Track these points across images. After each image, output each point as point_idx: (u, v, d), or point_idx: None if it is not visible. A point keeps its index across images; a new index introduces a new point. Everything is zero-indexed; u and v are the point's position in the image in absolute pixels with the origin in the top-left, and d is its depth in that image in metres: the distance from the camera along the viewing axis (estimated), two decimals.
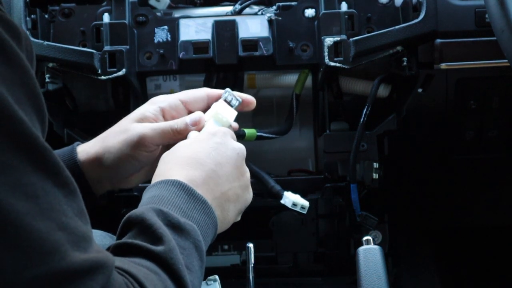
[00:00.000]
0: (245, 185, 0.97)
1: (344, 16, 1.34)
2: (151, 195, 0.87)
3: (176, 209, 0.84)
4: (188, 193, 0.87)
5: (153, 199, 0.86)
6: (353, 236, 1.48)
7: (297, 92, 1.43)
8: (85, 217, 0.67)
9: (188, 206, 0.86)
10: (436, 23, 1.32)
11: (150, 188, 0.89)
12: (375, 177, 1.39)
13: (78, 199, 0.66)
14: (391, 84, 1.42)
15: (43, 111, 0.66)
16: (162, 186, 0.88)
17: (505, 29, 1.04)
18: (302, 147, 1.53)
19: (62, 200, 0.64)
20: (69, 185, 0.65)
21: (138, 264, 0.75)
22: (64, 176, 0.65)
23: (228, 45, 1.35)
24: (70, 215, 0.64)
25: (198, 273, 0.82)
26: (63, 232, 0.63)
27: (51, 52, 1.31)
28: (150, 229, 0.79)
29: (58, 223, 0.63)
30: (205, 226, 0.87)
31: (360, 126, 1.36)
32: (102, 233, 1.06)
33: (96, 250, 0.66)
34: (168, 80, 1.49)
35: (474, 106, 1.43)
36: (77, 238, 0.64)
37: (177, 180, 0.88)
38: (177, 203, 0.85)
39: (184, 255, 0.79)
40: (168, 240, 0.78)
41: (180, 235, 0.81)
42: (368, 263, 1.05)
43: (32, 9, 1.36)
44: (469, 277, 1.89)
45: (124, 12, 1.37)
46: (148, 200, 0.86)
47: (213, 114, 1.01)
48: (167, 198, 0.85)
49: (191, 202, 0.87)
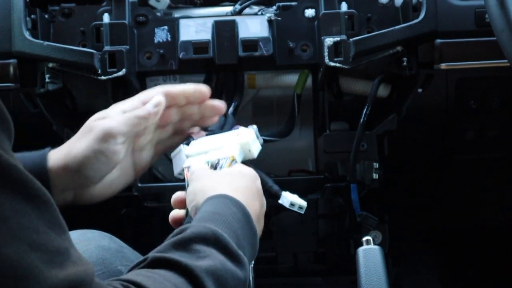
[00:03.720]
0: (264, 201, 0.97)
1: (344, 16, 1.34)
2: (212, 210, 0.86)
3: (231, 235, 0.83)
4: (244, 215, 0.87)
5: (214, 216, 0.84)
6: (353, 236, 1.48)
7: (298, 92, 1.43)
8: (59, 226, 0.64)
9: (244, 232, 0.86)
10: (436, 23, 1.32)
11: (214, 199, 0.88)
12: (375, 177, 1.39)
13: (51, 209, 0.64)
14: (391, 84, 1.42)
15: (4, 117, 0.62)
16: (224, 202, 0.87)
17: (505, 29, 1.04)
18: (302, 147, 1.53)
19: (33, 215, 0.61)
20: (40, 196, 0.62)
21: (165, 279, 0.73)
22: (33, 189, 0.62)
23: (228, 45, 1.35)
24: (42, 230, 0.62)
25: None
26: (35, 252, 0.60)
27: (51, 52, 1.31)
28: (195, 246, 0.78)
29: (30, 243, 0.60)
30: (252, 253, 0.87)
31: (360, 126, 1.36)
32: (101, 234, 1.06)
33: (73, 263, 0.64)
34: (168, 80, 1.49)
35: (474, 106, 1.43)
36: (52, 254, 0.61)
37: (238, 201, 0.88)
38: (234, 227, 0.84)
39: (233, 284, 0.79)
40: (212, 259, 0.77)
41: (232, 262, 0.80)
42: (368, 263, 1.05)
43: (32, 9, 1.36)
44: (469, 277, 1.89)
45: (124, 12, 1.37)
46: (211, 216, 0.84)
47: (242, 143, 1.00)
48: (225, 218, 0.84)
49: (246, 229, 0.86)
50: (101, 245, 1.02)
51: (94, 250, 1.00)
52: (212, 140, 1.04)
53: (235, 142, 1.01)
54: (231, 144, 1.01)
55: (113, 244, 1.04)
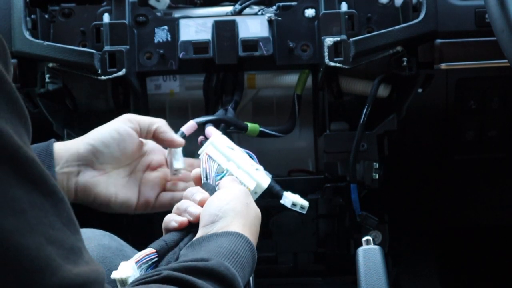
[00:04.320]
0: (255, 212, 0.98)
1: (344, 16, 1.34)
2: (232, 248, 0.86)
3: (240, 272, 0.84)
4: (253, 266, 0.89)
5: (233, 254, 0.85)
6: (353, 236, 1.48)
7: (298, 93, 1.43)
8: (74, 225, 0.65)
9: (249, 269, 0.87)
10: (436, 23, 1.32)
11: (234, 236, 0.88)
12: (375, 177, 1.39)
13: (67, 207, 0.64)
14: (391, 84, 1.42)
15: (24, 114, 0.64)
16: (241, 243, 0.88)
17: (505, 29, 1.04)
18: (302, 147, 1.53)
19: (50, 211, 0.62)
20: (56, 193, 0.63)
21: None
22: (50, 185, 0.62)
23: (228, 45, 1.35)
24: (58, 227, 0.62)
25: None
26: (52, 246, 0.61)
27: (51, 52, 1.31)
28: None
29: (47, 236, 0.60)
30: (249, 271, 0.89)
31: (360, 126, 1.36)
32: (101, 233, 1.06)
33: (85, 262, 0.64)
34: (168, 80, 1.49)
35: (474, 106, 1.43)
36: (67, 250, 0.62)
37: (254, 248, 0.89)
38: (245, 273, 0.86)
39: None
40: None
41: None
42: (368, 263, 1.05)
43: (32, 9, 1.36)
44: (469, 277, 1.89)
45: (124, 12, 1.37)
46: (230, 254, 0.85)
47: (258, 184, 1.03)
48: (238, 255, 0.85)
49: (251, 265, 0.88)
50: (102, 244, 1.02)
51: (94, 249, 1.00)
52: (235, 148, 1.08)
53: (254, 177, 1.04)
54: (250, 176, 1.04)
55: (114, 243, 1.04)
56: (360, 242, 1.09)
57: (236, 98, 1.40)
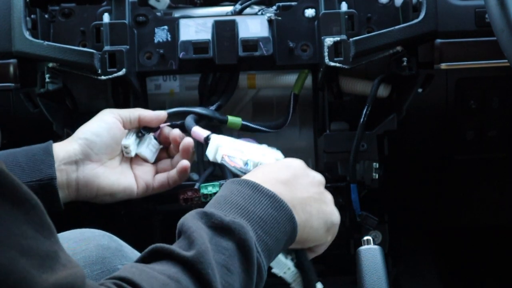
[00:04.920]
0: (328, 201, 0.99)
1: (344, 16, 1.34)
2: (215, 197, 0.88)
3: (233, 208, 0.83)
4: (253, 189, 0.87)
5: (213, 200, 0.87)
6: (353, 236, 1.48)
7: (296, 92, 1.43)
8: (48, 229, 0.64)
9: (251, 202, 0.85)
10: (436, 23, 1.32)
11: (221, 189, 0.91)
12: (375, 177, 1.39)
13: (39, 212, 0.63)
14: (391, 84, 1.42)
15: None
16: (228, 186, 0.89)
17: (505, 29, 1.04)
18: (302, 147, 1.52)
19: (21, 220, 0.61)
20: (28, 200, 0.62)
21: (159, 272, 0.73)
22: (21, 193, 0.62)
23: (228, 45, 1.35)
24: (31, 235, 0.61)
25: (242, 274, 0.79)
26: (26, 257, 0.60)
27: (51, 52, 1.31)
28: (186, 233, 0.79)
29: (20, 248, 0.60)
30: (272, 221, 0.85)
31: (360, 126, 1.36)
32: (101, 233, 1.06)
33: (63, 265, 0.63)
34: (168, 80, 1.49)
35: (474, 106, 1.43)
36: (41, 258, 0.61)
37: (244, 179, 0.89)
38: (237, 201, 0.85)
39: (225, 256, 0.78)
40: (201, 243, 0.76)
41: (222, 236, 0.80)
42: (368, 263, 1.05)
43: (32, 9, 1.36)
44: (469, 277, 1.89)
45: (124, 12, 1.37)
46: (210, 202, 0.87)
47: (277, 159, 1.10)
48: (226, 198, 0.85)
49: (255, 197, 0.86)
50: (101, 244, 1.02)
51: (93, 249, 1.00)
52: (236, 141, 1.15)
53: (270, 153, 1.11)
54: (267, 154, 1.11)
55: (113, 243, 1.04)
56: (360, 242, 1.09)
57: (221, 101, 1.40)
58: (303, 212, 0.92)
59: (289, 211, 0.88)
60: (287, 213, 0.88)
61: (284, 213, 0.87)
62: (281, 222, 0.86)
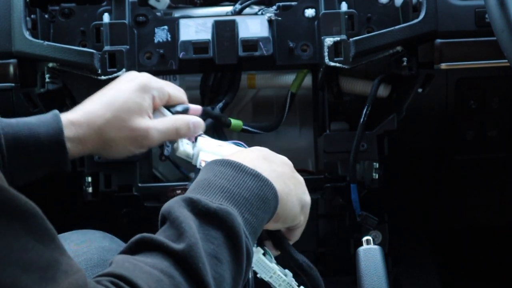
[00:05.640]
0: (301, 180, 0.96)
1: (344, 16, 1.34)
2: (197, 179, 0.85)
3: (218, 192, 0.81)
4: (236, 169, 0.85)
5: (196, 184, 0.84)
6: (353, 236, 1.48)
7: (293, 91, 1.43)
8: (48, 235, 0.63)
9: (235, 183, 0.83)
10: (436, 23, 1.32)
11: (201, 170, 0.88)
12: (375, 177, 1.39)
13: (38, 220, 0.62)
14: (391, 84, 1.42)
15: None
16: (209, 167, 0.86)
17: (505, 29, 1.04)
18: (302, 147, 1.53)
19: (21, 233, 0.60)
20: (25, 211, 0.61)
21: (152, 267, 0.72)
22: (18, 205, 0.60)
23: (228, 45, 1.35)
24: (31, 246, 0.60)
25: (231, 263, 0.78)
26: (28, 272, 0.59)
27: (51, 52, 1.31)
28: (174, 223, 0.77)
29: (21, 264, 0.59)
30: (258, 201, 0.84)
31: (360, 126, 1.36)
32: (101, 234, 1.06)
33: (64, 272, 0.62)
34: (168, 80, 1.49)
35: (474, 106, 1.43)
36: (43, 270, 0.60)
37: (226, 159, 0.86)
38: (221, 183, 0.82)
39: (214, 245, 0.76)
40: (190, 235, 0.75)
41: (210, 224, 0.78)
42: (368, 263, 1.05)
43: (32, 9, 1.36)
44: (469, 277, 1.89)
45: (124, 12, 1.37)
46: (191, 187, 0.84)
47: None
48: (210, 181, 0.83)
49: (239, 178, 0.84)
50: (102, 246, 1.02)
51: (95, 251, 1.00)
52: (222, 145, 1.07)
53: None
54: None
55: (114, 245, 1.04)
56: (360, 242, 1.09)
57: (226, 100, 1.41)
58: (284, 185, 0.90)
59: (273, 188, 0.86)
60: (271, 191, 0.86)
61: (269, 191, 0.86)
62: (266, 201, 0.85)
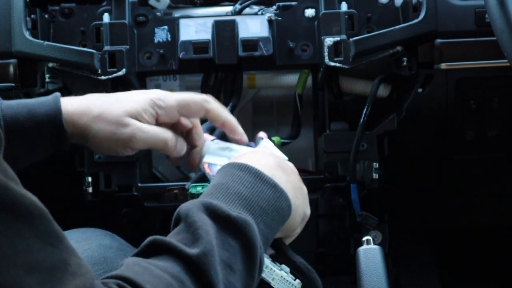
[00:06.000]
0: (306, 193, 0.96)
1: (344, 16, 1.34)
2: (215, 182, 0.85)
3: (237, 199, 0.81)
4: (255, 176, 0.84)
5: (215, 188, 0.83)
6: (353, 236, 1.48)
7: (299, 92, 1.43)
8: (55, 236, 0.62)
9: (253, 192, 0.83)
10: (436, 23, 1.32)
11: (218, 172, 0.87)
12: (375, 177, 1.39)
13: (45, 220, 0.61)
14: (391, 84, 1.42)
15: None
16: (228, 170, 0.86)
17: (505, 29, 1.04)
18: (302, 147, 1.52)
19: (27, 233, 0.59)
20: (32, 211, 0.60)
21: (163, 270, 0.71)
22: (25, 204, 0.59)
23: (228, 45, 1.35)
24: (38, 247, 0.59)
25: (244, 273, 0.78)
26: (32, 274, 0.58)
27: (51, 52, 1.31)
28: (191, 227, 0.76)
29: (26, 266, 0.58)
30: (273, 212, 0.84)
31: (360, 126, 1.36)
32: (102, 232, 1.06)
33: (72, 274, 0.61)
34: (168, 80, 1.49)
35: (474, 106, 1.43)
36: (49, 272, 0.60)
37: (245, 164, 0.86)
38: (240, 190, 0.82)
39: (229, 254, 0.76)
40: (206, 242, 0.74)
41: (228, 232, 0.77)
42: (368, 263, 1.05)
43: (32, 9, 1.36)
44: (469, 277, 1.89)
45: (124, 12, 1.37)
46: (210, 190, 0.84)
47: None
48: (229, 187, 0.82)
49: (257, 186, 0.84)
50: (103, 244, 1.02)
51: (96, 249, 1.00)
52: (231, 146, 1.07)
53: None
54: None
55: (115, 243, 1.04)
56: (360, 242, 1.09)
57: (233, 102, 1.41)
58: (295, 198, 0.91)
59: (288, 200, 0.87)
60: (286, 203, 0.87)
61: (285, 203, 0.86)
62: (281, 212, 0.85)
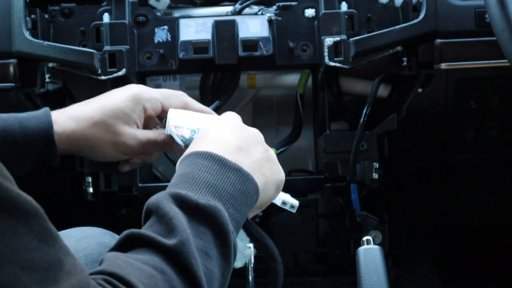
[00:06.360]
0: (274, 159, 0.96)
1: (344, 16, 1.34)
2: (180, 172, 0.86)
3: (204, 187, 0.82)
4: (220, 164, 0.85)
5: (181, 178, 0.84)
6: (353, 236, 1.48)
7: (301, 92, 1.43)
8: (51, 235, 0.63)
9: (219, 178, 0.84)
10: (436, 23, 1.32)
11: (181, 162, 0.88)
12: (375, 177, 1.39)
13: (41, 219, 0.62)
14: (391, 84, 1.42)
15: None
16: (192, 159, 0.86)
17: (505, 29, 1.04)
18: (302, 147, 1.53)
19: (22, 232, 0.59)
20: (28, 210, 0.60)
21: (143, 263, 0.72)
22: (21, 204, 0.60)
23: (228, 45, 1.35)
24: (34, 246, 0.60)
25: (220, 259, 0.78)
26: (28, 272, 0.58)
27: (51, 52, 1.31)
28: (164, 218, 0.76)
29: (21, 264, 0.58)
30: (241, 196, 0.84)
31: (360, 126, 1.36)
32: (102, 231, 1.06)
33: (67, 273, 0.62)
34: (168, 80, 1.49)
35: (474, 106, 1.43)
36: (44, 271, 0.60)
37: (207, 151, 0.86)
38: (206, 178, 0.83)
39: (203, 241, 0.77)
40: (182, 231, 0.75)
41: (199, 220, 0.78)
42: (368, 263, 1.05)
43: (32, 9, 1.36)
44: (469, 277, 1.89)
45: (124, 12, 1.37)
46: (176, 180, 0.84)
47: None
48: (195, 176, 0.83)
49: (223, 173, 0.84)
50: (103, 242, 1.02)
51: (95, 247, 1.00)
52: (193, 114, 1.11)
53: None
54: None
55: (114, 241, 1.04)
56: (360, 242, 1.09)
57: (220, 102, 1.40)
58: (261, 176, 0.90)
59: (254, 182, 0.87)
60: (253, 185, 0.87)
61: (251, 185, 0.87)
62: (248, 195, 0.86)
